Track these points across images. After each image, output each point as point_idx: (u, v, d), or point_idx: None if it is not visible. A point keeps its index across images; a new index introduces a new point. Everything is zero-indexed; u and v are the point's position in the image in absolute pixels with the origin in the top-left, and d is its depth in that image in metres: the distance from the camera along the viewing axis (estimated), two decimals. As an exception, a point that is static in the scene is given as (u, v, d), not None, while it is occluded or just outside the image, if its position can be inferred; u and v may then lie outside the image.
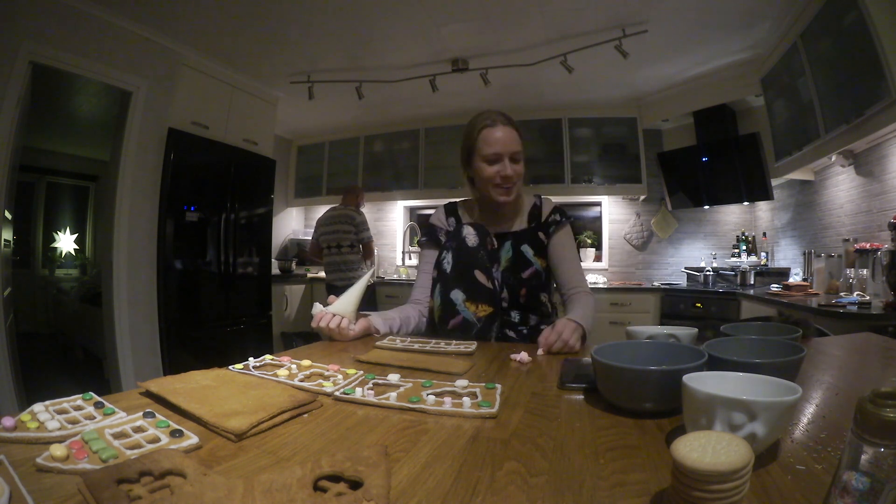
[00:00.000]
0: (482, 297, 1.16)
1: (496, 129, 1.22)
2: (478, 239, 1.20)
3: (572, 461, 0.45)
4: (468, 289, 1.16)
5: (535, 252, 1.31)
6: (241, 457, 0.45)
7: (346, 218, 3.67)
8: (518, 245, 1.31)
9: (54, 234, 5.84)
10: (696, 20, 2.76)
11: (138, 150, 2.93)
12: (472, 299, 1.15)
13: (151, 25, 2.85)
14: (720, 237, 4.16)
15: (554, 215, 1.34)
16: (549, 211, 1.36)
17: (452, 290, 1.16)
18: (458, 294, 1.15)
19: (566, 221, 1.34)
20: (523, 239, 1.31)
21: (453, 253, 1.19)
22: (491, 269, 1.22)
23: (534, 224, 1.34)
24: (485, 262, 1.19)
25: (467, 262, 1.17)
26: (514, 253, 1.30)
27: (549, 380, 0.74)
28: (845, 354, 0.97)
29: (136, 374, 2.89)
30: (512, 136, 1.23)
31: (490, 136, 1.22)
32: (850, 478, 0.30)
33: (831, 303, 2.16)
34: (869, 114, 2.09)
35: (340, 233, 3.64)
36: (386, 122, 4.68)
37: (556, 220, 1.33)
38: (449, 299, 1.15)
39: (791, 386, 0.45)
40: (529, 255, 1.30)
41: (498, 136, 1.22)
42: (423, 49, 3.16)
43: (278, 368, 0.75)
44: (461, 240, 1.20)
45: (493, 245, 1.26)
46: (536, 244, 1.31)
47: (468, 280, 1.16)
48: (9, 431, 0.46)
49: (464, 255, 1.18)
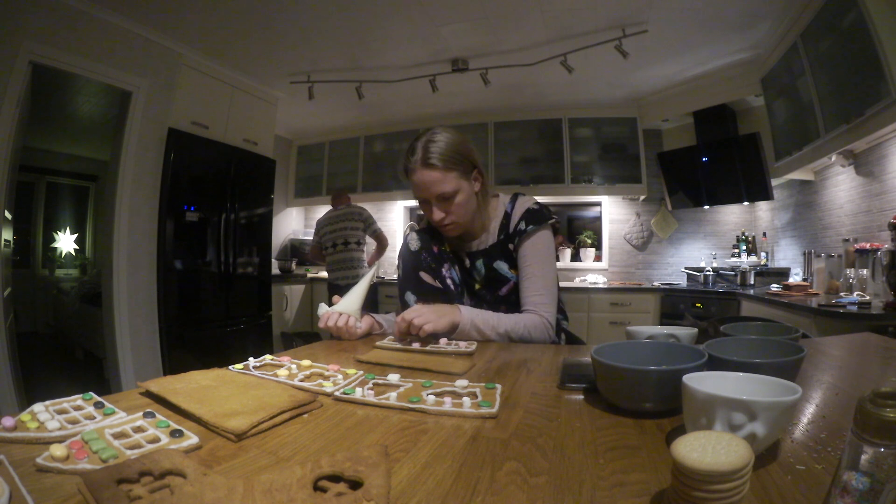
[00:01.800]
0: (432, 297, 1.18)
1: (414, 173, 1.14)
2: (420, 242, 1.24)
3: (572, 461, 0.45)
4: (416, 289, 1.21)
5: (510, 265, 1.24)
6: (241, 457, 0.45)
7: (353, 215, 3.70)
8: (491, 262, 1.25)
9: (54, 234, 5.84)
10: (696, 20, 2.76)
11: (138, 150, 2.93)
12: (423, 300, 1.17)
13: (151, 25, 2.85)
14: (720, 237, 4.16)
15: (520, 224, 1.21)
16: (518, 217, 1.23)
17: (405, 292, 1.23)
18: (410, 296, 1.22)
19: (534, 229, 1.20)
20: (495, 255, 1.24)
21: (402, 260, 1.26)
22: (439, 269, 1.21)
23: (503, 236, 1.24)
24: (429, 264, 1.21)
25: (411, 265, 1.23)
26: (488, 271, 1.25)
27: (549, 380, 0.74)
28: (845, 354, 0.97)
29: (136, 374, 2.89)
30: (431, 178, 1.11)
31: (414, 180, 1.15)
32: (850, 478, 0.30)
33: (831, 303, 2.16)
34: (869, 114, 2.09)
35: (348, 230, 3.67)
36: (386, 122, 4.69)
37: (520, 230, 1.21)
38: (404, 300, 1.23)
39: (791, 386, 0.45)
40: (504, 270, 1.24)
41: (417, 181, 1.14)
42: (423, 49, 3.16)
43: (278, 368, 0.75)
44: (406, 245, 1.26)
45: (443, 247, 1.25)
46: (509, 257, 1.24)
47: (414, 281, 1.21)
48: (9, 431, 0.46)
49: (408, 260, 1.24)
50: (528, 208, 1.23)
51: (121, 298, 2.87)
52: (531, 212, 1.22)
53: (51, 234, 5.80)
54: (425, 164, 1.12)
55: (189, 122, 3.18)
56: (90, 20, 2.62)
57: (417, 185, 1.15)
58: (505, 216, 1.25)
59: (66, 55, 2.52)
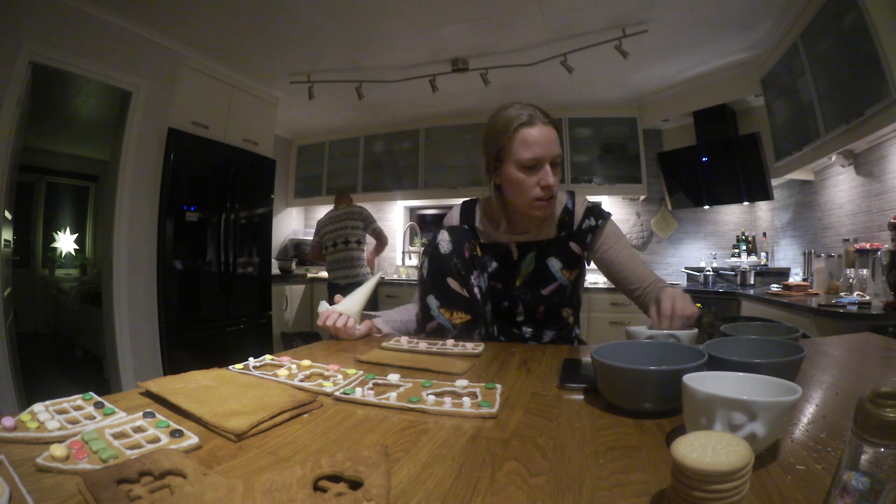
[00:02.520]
0: (457, 306, 1.11)
1: (535, 127, 1.03)
2: (451, 245, 1.11)
3: (572, 461, 0.45)
4: (441, 296, 1.11)
5: (563, 265, 1.16)
6: (241, 457, 0.45)
7: (354, 214, 3.72)
8: (543, 257, 1.17)
9: (54, 234, 5.84)
10: (696, 20, 2.76)
11: (138, 150, 2.93)
12: (445, 306, 1.11)
13: (151, 25, 2.85)
14: (720, 237, 4.16)
15: (588, 220, 1.16)
16: (581, 215, 1.17)
17: (428, 295, 1.14)
18: (433, 300, 1.13)
19: (604, 222, 1.15)
20: (550, 251, 1.17)
21: (428, 260, 1.14)
22: (469, 276, 1.12)
23: (564, 233, 1.17)
24: (459, 270, 1.11)
25: (439, 270, 1.12)
26: (537, 266, 1.17)
27: (549, 380, 0.74)
28: (845, 354, 0.97)
29: (136, 374, 2.89)
30: (553, 136, 1.05)
31: (529, 136, 1.03)
32: (850, 478, 0.30)
33: (831, 303, 2.16)
34: (869, 114, 2.09)
35: (349, 228, 3.68)
36: (386, 122, 4.68)
37: (591, 226, 1.15)
38: (425, 304, 1.14)
39: (791, 386, 0.45)
40: (555, 269, 1.16)
41: (538, 136, 1.03)
42: (423, 49, 3.16)
43: (278, 368, 0.75)
44: (435, 246, 1.13)
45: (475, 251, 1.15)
46: (567, 257, 1.16)
47: (441, 287, 1.11)
48: (9, 431, 0.46)
49: (436, 262, 1.12)
50: (589, 206, 1.19)
51: (121, 298, 2.87)
52: (594, 208, 1.18)
53: (51, 234, 5.80)
54: (547, 121, 1.05)
55: (189, 122, 3.18)
56: (90, 20, 2.62)
57: (538, 140, 1.03)
58: (566, 212, 1.18)
59: (66, 55, 2.52)
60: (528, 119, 1.04)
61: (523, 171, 1.06)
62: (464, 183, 4.42)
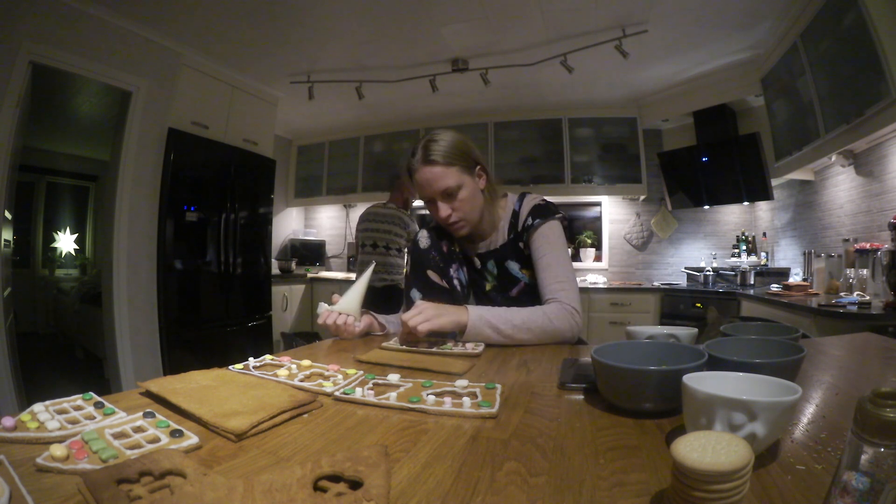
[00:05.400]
0: (438, 296, 1.16)
1: (417, 172, 1.13)
2: (429, 241, 1.24)
3: (572, 461, 0.45)
4: (422, 287, 1.21)
5: (521, 265, 1.23)
6: (241, 457, 0.45)
7: (398, 220, 3.23)
8: (502, 262, 1.24)
9: (54, 234, 5.83)
10: (696, 20, 2.76)
11: (138, 150, 2.93)
12: (427, 297, 1.15)
13: (151, 25, 2.85)
14: (720, 237, 4.16)
15: (528, 219, 1.20)
16: (526, 214, 1.22)
17: (411, 289, 1.23)
18: (416, 293, 1.22)
19: (540, 222, 1.18)
20: (505, 255, 1.23)
21: (410, 256, 1.26)
22: (447, 269, 1.22)
23: (512, 235, 1.23)
24: (438, 263, 1.22)
25: (419, 263, 1.23)
26: (500, 271, 1.25)
27: (549, 380, 0.74)
28: (845, 354, 0.97)
29: (136, 374, 2.89)
30: (433, 174, 1.11)
31: (417, 180, 1.14)
32: (850, 478, 0.30)
33: (831, 303, 2.16)
34: (869, 114, 2.09)
35: (392, 234, 3.22)
36: (386, 122, 4.68)
37: (528, 226, 1.20)
38: (409, 297, 1.23)
39: (791, 386, 0.45)
40: (515, 270, 1.23)
41: (419, 179, 1.13)
42: (423, 49, 3.16)
43: (278, 368, 0.75)
44: (415, 242, 1.26)
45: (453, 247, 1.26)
46: (520, 256, 1.22)
47: (422, 279, 1.21)
48: (9, 431, 0.46)
49: (416, 257, 1.24)
50: (535, 204, 1.22)
51: (121, 298, 2.87)
52: (538, 207, 1.22)
53: (51, 234, 5.80)
54: (426, 161, 1.12)
55: (189, 122, 3.18)
56: (90, 20, 2.62)
57: (421, 183, 1.14)
58: (513, 215, 1.24)
59: (66, 55, 2.52)
60: (409, 165, 1.15)
61: (427, 206, 1.19)
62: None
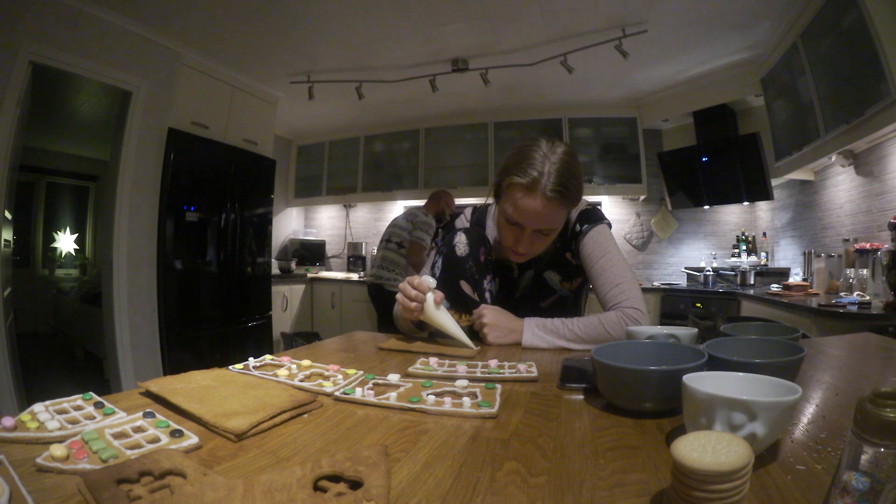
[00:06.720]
0: (465, 308, 1.09)
1: (529, 197, 0.95)
2: (468, 248, 1.09)
3: (572, 461, 0.44)
4: (451, 297, 1.07)
5: (562, 278, 1.14)
6: (241, 457, 0.45)
7: (411, 216, 3.34)
8: (540, 272, 1.15)
9: (54, 234, 5.83)
10: (696, 20, 2.76)
11: (138, 150, 2.93)
12: (455, 308, 1.07)
13: (151, 25, 2.85)
14: (720, 237, 4.16)
15: (576, 226, 1.11)
16: (574, 220, 1.11)
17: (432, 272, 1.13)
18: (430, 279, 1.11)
19: (589, 227, 1.09)
20: (547, 265, 1.15)
21: (443, 259, 1.12)
22: (482, 280, 1.10)
23: (559, 243, 1.12)
24: (473, 274, 1.09)
25: (454, 272, 1.09)
26: (536, 281, 1.16)
27: (549, 380, 0.74)
28: (845, 354, 0.96)
29: (136, 374, 2.89)
30: (551, 209, 0.96)
31: (520, 201, 0.96)
32: (850, 478, 0.30)
33: (831, 303, 2.16)
34: (869, 114, 2.09)
35: (397, 227, 3.34)
36: (386, 122, 4.68)
37: (576, 233, 1.10)
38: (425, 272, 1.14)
39: (791, 386, 0.45)
40: (554, 282, 1.15)
41: (526, 205, 0.96)
42: (423, 49, 3.16)
43: (278, 368, 0.74)
44: (451, 247, 1.10)
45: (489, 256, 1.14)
46: (564, 268, 1.13)
47: (453, 290, 1.08)
48: (9, 431, 0.46)
49: (451, 264, 1.10)
50: (582, 210, 1.13)
51: (121, 298, 2.87)
52: (585, 212, 1.13)
53: (51, 234, 5.80)
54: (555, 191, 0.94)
55: (189, 122, 3.18)
56: (90, 20, 2.62)
57: (525, 209, 0.96)
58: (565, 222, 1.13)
59: (66, 55, 2.52)
60: (529, 184, 0.95)
61: (506, 222, 1.03)
62: (464, 183, 4.42)
